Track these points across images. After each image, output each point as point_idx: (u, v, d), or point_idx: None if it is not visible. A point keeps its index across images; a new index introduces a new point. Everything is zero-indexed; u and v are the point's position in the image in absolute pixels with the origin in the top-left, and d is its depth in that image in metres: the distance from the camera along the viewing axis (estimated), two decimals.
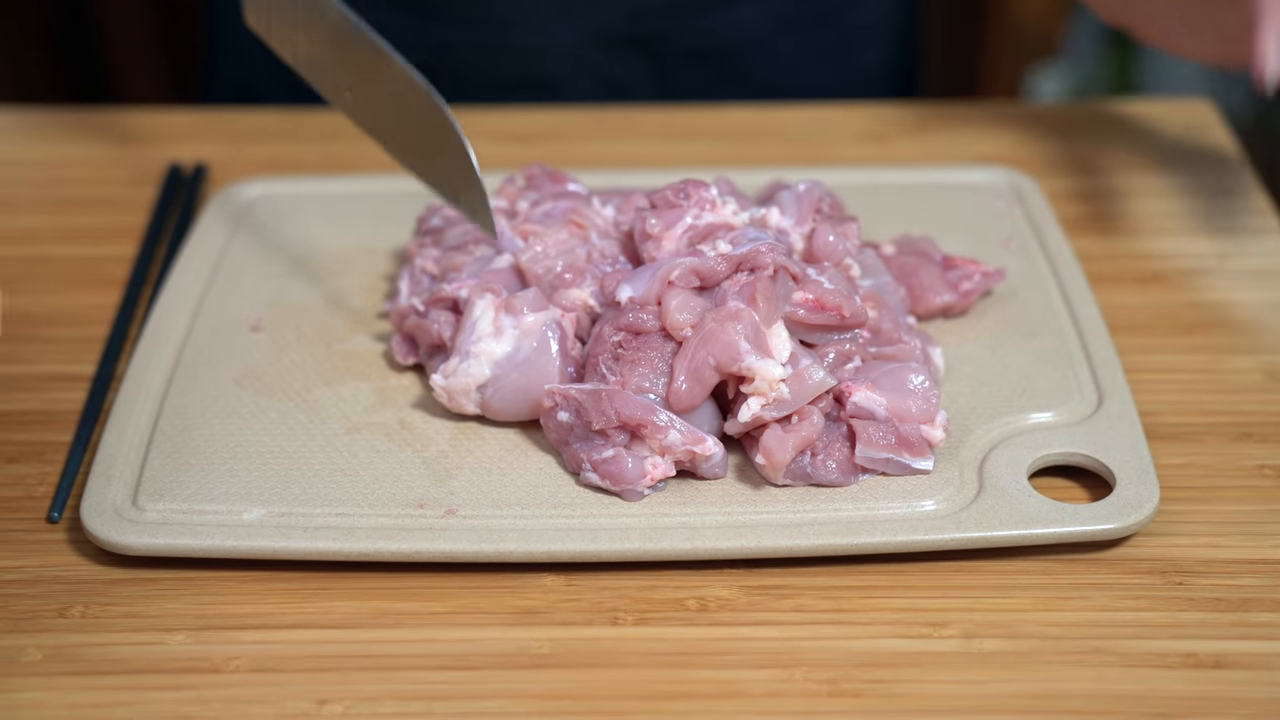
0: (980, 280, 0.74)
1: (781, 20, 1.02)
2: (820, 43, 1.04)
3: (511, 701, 0.56)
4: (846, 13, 1.05)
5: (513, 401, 0.65)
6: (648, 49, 1.01)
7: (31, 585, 0.61)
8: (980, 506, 0.62)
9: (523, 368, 0.65)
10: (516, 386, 0.65)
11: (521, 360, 0.65)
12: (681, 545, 0.61)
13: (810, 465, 0.63)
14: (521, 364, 0.65)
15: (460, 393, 0.65)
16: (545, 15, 0.99)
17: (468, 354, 0.65)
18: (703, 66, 1.02)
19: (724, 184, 0.72)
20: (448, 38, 0.99)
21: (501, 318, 0.66)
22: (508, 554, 0.60)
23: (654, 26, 1.00)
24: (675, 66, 1.02)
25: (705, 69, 1.02)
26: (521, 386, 0.65)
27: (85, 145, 0.92)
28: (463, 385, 0.65)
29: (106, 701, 0.56)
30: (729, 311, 0.63)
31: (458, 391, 0.65)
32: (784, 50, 1.03)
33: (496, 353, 0.65)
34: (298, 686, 0.56)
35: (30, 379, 0.72)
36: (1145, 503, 0.62)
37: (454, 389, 0.65)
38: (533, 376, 0.65)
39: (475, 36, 1.00)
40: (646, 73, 1.02)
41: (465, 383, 0.65)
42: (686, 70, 1.02)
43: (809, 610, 0.59)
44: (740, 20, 1.01)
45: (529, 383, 0.65)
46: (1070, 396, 0.68)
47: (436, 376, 0.66)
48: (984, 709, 0.55)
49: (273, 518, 0.62)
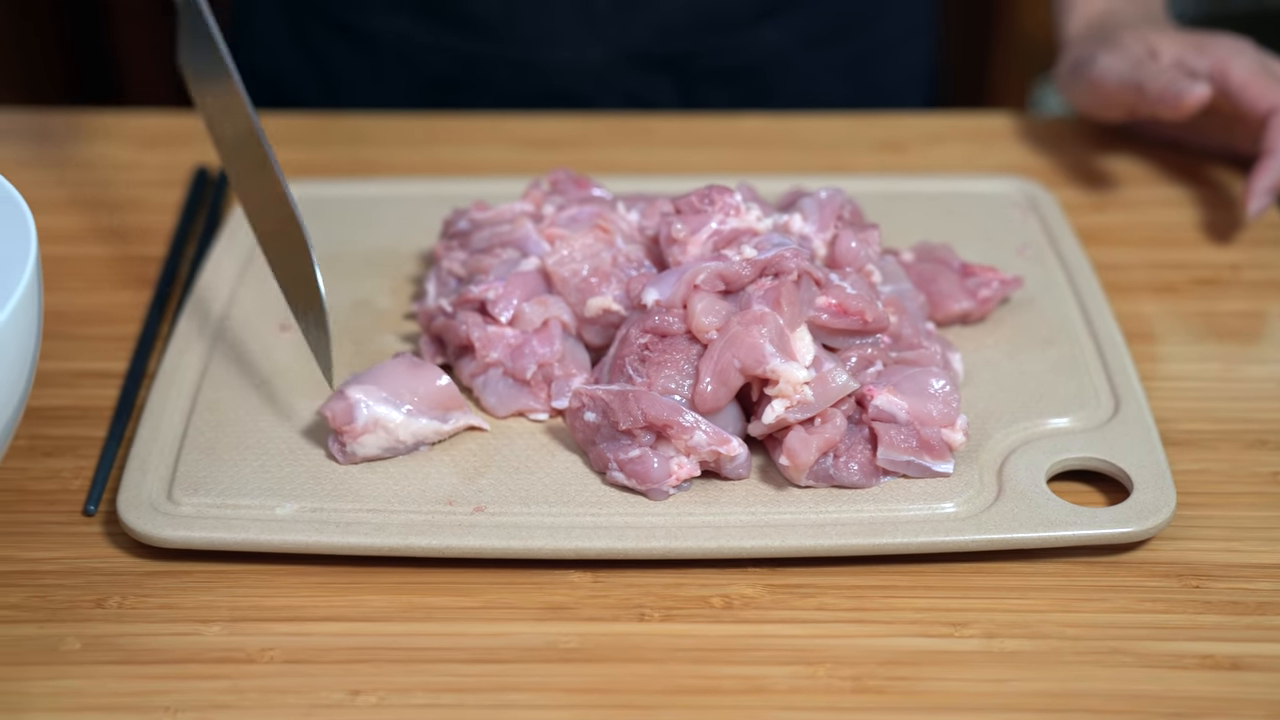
0: (998, 288, 0.75)
1: (803, 37, 1.03)
2: (840, 59, 1.06)
3: (541, 694, 0.57)
4: (867, 29, 1.06)
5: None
6: (674, 67, 1.02)
7: (69, 576, 0.62)
8: (1000, 509, 0.63)
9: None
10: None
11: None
12: (707, 544, 0.62)
13: (832, 467, 0.64)
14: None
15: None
16: (575, 33, 1.00)
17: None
18: (727, 84, 1.03)
19: (747, 190, 0.73)
20: (476, 51, 1.00)
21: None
22: (536, 550, 0.61)
23: (681, 45, 1.01)
24: (700, 84, 1.03)
25: (729, 87, 1.03)
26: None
27: (112, 147, 0.93)
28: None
29: (145, 690, 0.57)
30: (754, 315, 0.64)
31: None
32: (805, 67, 1.04)
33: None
34: (331, 677, 0.57)
35: (64, 375, 0.73)
36: (1163, 507, 0.63)
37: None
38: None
39: (503, 51, 1.01)
40: (672, 90, 1.03)
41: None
42: (711, 88, 1.03)
43: (832, 609, 0.60)
44: (764, 38, 1.02)
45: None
46: (1087, 402, 0.69)
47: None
48: (1005, 707, 0.56)
49: (305, 513, 0.63)
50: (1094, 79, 0.88)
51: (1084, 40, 0.92)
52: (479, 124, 0.96)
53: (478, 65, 1.01)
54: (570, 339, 0.70)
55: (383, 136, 0.95)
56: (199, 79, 0.73)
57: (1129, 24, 0.91)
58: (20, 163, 0.64)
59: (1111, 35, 0.90)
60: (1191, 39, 0.87)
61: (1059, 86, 0.94)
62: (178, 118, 0.96)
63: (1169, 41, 0.87)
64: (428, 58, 1.02)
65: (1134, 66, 0.86)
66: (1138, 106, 0.86)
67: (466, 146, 0.93)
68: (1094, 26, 0.93)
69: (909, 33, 1.10)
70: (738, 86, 1.04)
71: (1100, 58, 0.88)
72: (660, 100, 1.03)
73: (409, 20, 1.00)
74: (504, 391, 0.68)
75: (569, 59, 1.00)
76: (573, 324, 0.70)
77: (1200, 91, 0.82)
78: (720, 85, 1.03)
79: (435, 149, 0.93)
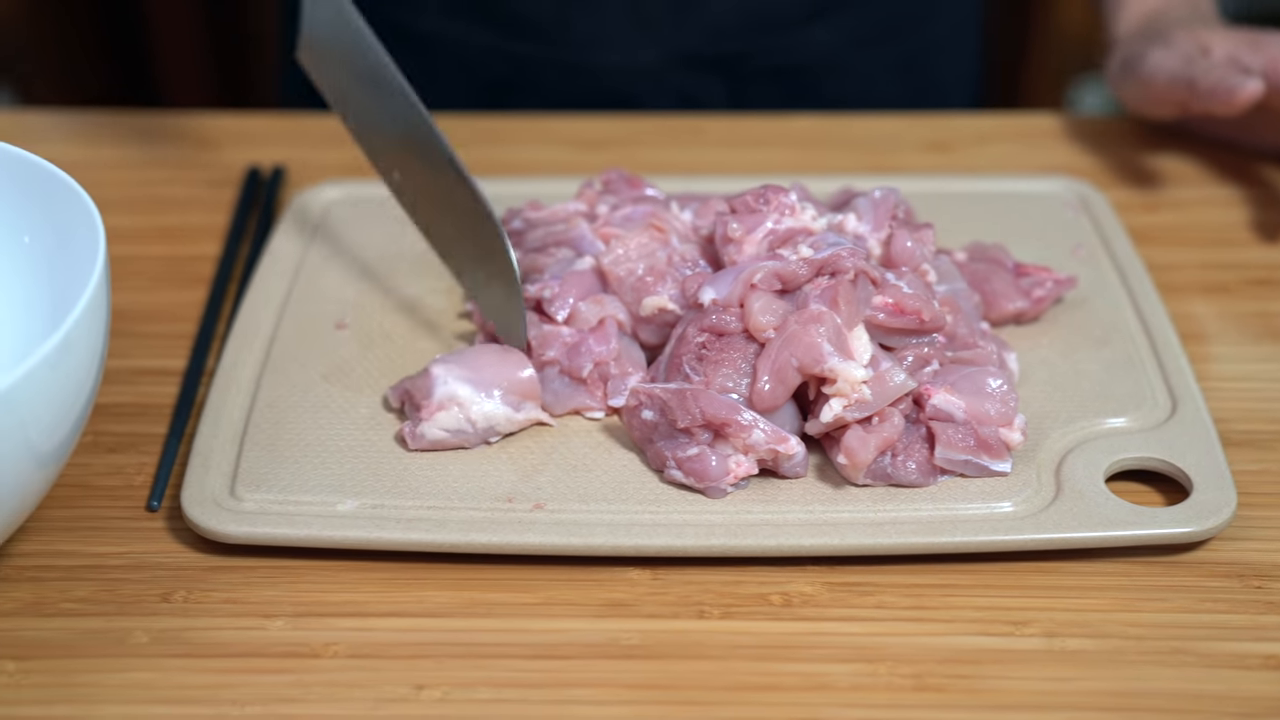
0: (1052, 287, 0.75)
1: (854, 37, 1.03)
2: (890, 58, 1.06)
3: (604, 690, 0.57)
4: (917, 28, 1.06)
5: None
6: (725, 68, 1.03)
7: (135, 571, 0.62)
8: (1059, 508, 0.63)
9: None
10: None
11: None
12: (766, 541, 0.62)
13: (890, 465, 0.64)
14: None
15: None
16: (627, 36, 1.00)
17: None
18: (776, 84, 1.04)
19: (801, 190, 0.74)
20: (528, 54, 1.01)
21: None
22: (596, 548, 0.62)
23: (732, 46, 1.01)
24: (750, 85, 1.03)
25: (779, 87, 1.04)
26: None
27: (165, 148, 0.94)
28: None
29: (212, 683, 0.57)
30: (812, 314, 0.65)
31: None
32: (855, 66, 1.05)
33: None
34: (395, 672, 0.58)
35: (125, 373, 0.73)
36: (1223, 507, 0.63)
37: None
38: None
39: (556, 54, 1.01)
40: (723, 91, 1.04)
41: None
42: (761, 88, 1.04)
43: (891, 607, 0.61)
44: (812, 40, 1.03)
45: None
46: (1144, 402, 0.69)
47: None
48: (1069, 705, 0.56)
49: (366, 509, 0.63)
50: (1145, 76, 0.88)
51: (1135, 38, 0.92)
52: (529, 124, 0.96)
53: (530, 68, 1.01)
54: (626, 338, 0.70)
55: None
56: (330, 68, 0.73)
57: (1180, 22, 0.91)
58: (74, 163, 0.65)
59: (1163, 32, 0.90)
60: (1245, 36, 0.87)
61: (1110, 84, 0.94)
62: (226, 119, 0.97)
63: (1221, 39, 0.87)
64: (481, 60, 1.02)
65: (1186, 63, 0.86)
66: (1190, 103, 0.86)
67: (516, 147, 0.94)
68: (1145, 24, 0.93)
69: (958, 32, 1.10)
70: (787, 86, 1.04)
71: (1151, 54, 0.88)
72: (710, 101, 1.03)
73: (463, 23, 1.00)
74: (560, 390, 0.68)
75: (620, 61, 1.00)
76: (628, 323, 0.70)
77: (1254, 87, 0.82)
78: (770, 85, 1.04)
79: (485, 149, 0.93)
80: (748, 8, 0.99)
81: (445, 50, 1.03)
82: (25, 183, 0.64)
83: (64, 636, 0.59)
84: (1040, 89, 1.93)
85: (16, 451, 0.55)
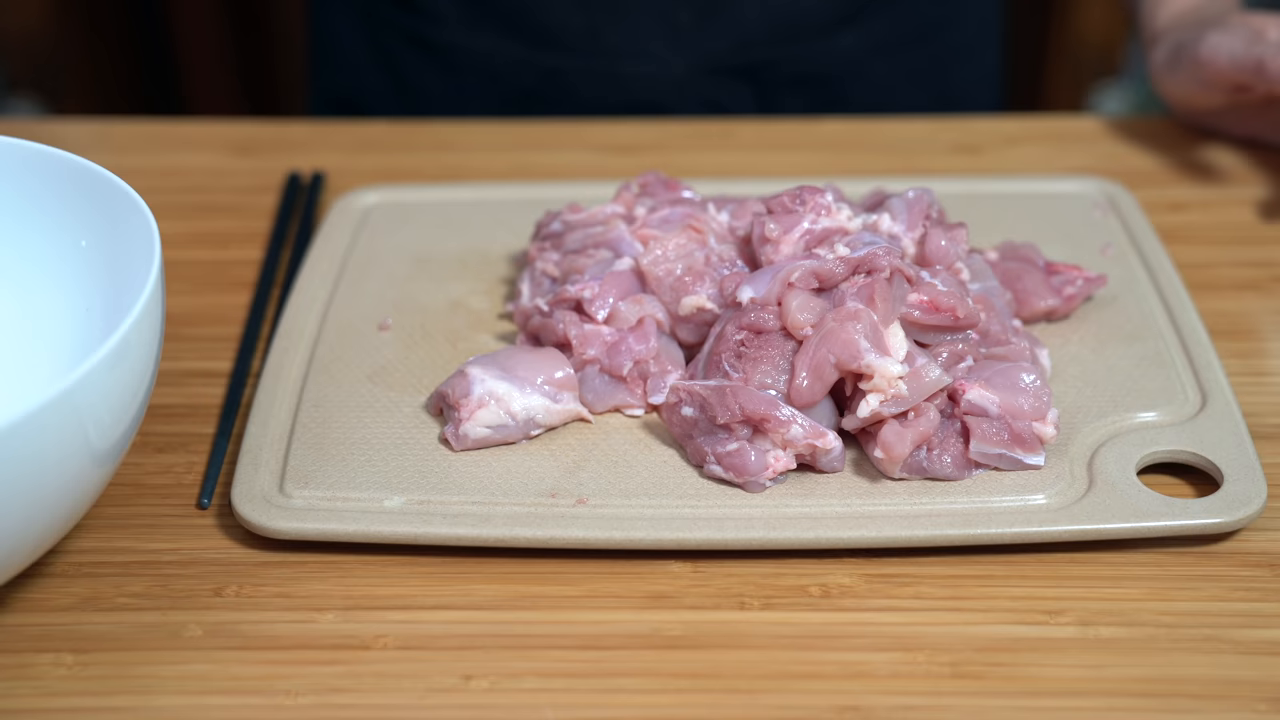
0: (1083, 285, 0.76)
1: (878, 44, 1.05)
2: (914, 64, 1.07)
3: (649, 679, 0.58)
4: (940, 33, 1.08)
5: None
6: (752, 77, 1.04)
7: (187, 566, 0.64)
8: (1092, 500, 0.64)
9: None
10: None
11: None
12: (804, 534, 0.63)
13: (926, 460, 0.66)
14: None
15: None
16: (655, 46, 1.02)
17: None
18: (802, 92, 1.05)
19: (836, 191, 0.75)
20: (558, 64, 1.03)
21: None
22: (638, 541, 0.63)
23: (759, 55, 1.03)
24: (777, 93, 1.05)
25: (804, 94, 1.05)
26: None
27: (203, 155, 0.96)
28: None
29: (266, 674, 0.59)
30: (849, 311, 0.66)
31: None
32: (879, 73, 1.06)
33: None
34: (444, 663, 0.59)
35: (173, 375, 0.75)
36: (1254, 498, 0.64)
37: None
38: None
39: (585, 64, 1.03)
40: (750, 99, 1.05)
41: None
42: (787, 96, 1.05)
43: (928, 597, 0.62)
44: (839, 46, 1.04)
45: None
46: (1174, 397, 0.70)
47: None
48: (1104, 691, 0.57)
49: (413, 505, 0.65)
50: (1203, 57, 0.88)
51: (1183, 27, 0.92)
52: (561, 129, 0.98)
53: (558, 79, 1.03)
54: (665, 337, 0.72)
55: (467, 142, 0.97)
56: None
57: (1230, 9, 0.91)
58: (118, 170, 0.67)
59: (1215, 18, 0.90)
60: None
61: (1153, 77, 0.94)
62: (263, 126, 0.99)
63: (1275, 23, 0.87)
64: (510, 72, 1.04)
65: (1248, 43, 0.86)
66: (1254, 83, 0.86)
67: (549, 152, 0.95)
68: (1190, 14, 0.94)
69: (980, 38, 1.12)
70: (814, 94, 1.05)
71: (1208, 38, 0.88)
72: (739, 108, 1.05)
73: (492, 36, 1.02)
74: (601, 387, 0.70)
75: (649, 70, 1.02)
76: (667, 322, 0.72)
77: None
78: (797, 93, 1.05)
79: (519, 154, 0.95)
80: (775, 17, 1.01)
81: (474, 64, 1.04)
82: (82, 188, 0.66)
83: (120, 630, 0.61)
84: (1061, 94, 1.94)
85: (76, 450, 0.56)
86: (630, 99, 1.03)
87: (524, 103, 1.05)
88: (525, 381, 0.68)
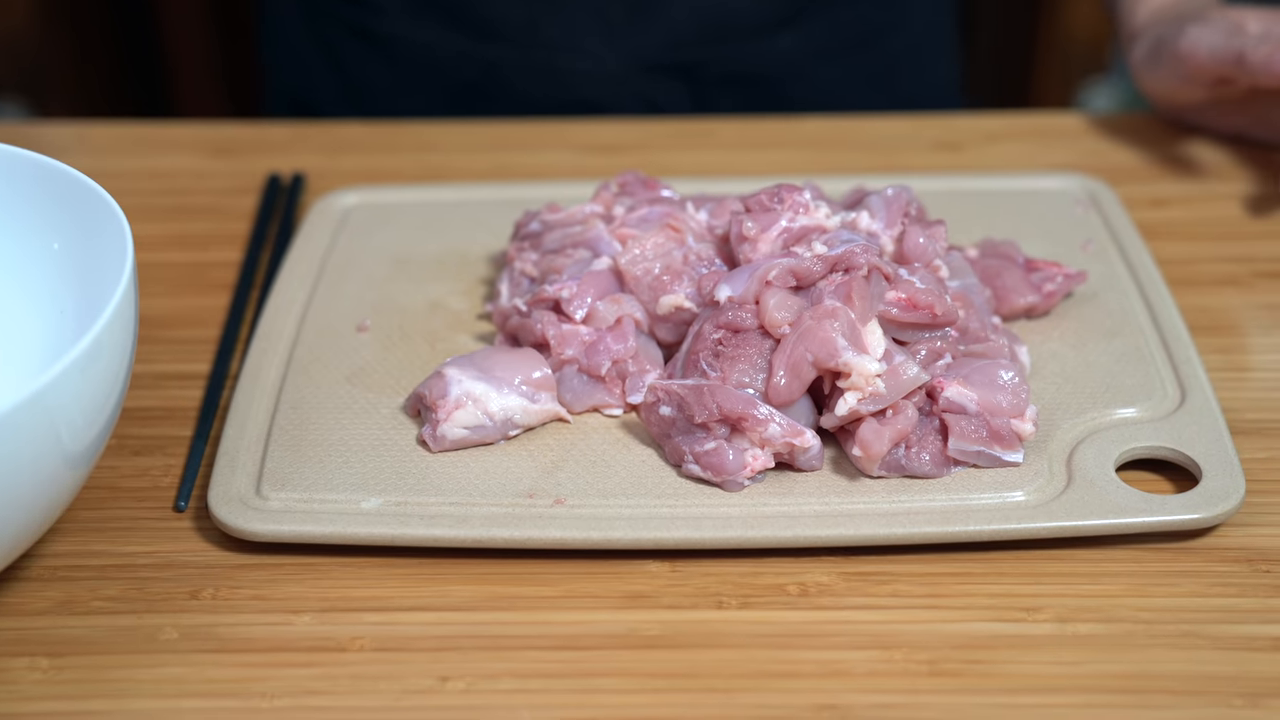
0: (1063, 282, 0.76)
1: (819, 48, 1.05)
2: (862, 67, 1.07)
3: (626, 679, 0.58)
4: (886, 37, 1.08)
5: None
6: (687, 75, 1.05)
7: (163, 569, 0.64)
8: (1070, 497, 0.64)
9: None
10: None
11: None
12: (782, 533, 0.63)
13: (904, 457, 0.66)
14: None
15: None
16: (589, 41, 1.03)
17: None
18: (739, 92, 1.06)
19: (814, 189, 0.75)
20: (498, 57, 1.03)
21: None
22: (615, 541, 0.63)
23: (692, 55, 1.04)
24: (713, 92, 1.05)
25: (739, 94, 1.06)
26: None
27: (184, 157, 0.96)
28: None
29: (242, 677, 0.59)
30: (826, 310, 0.66)
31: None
32: (826, 77, 1.06)
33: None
34: (420, 665, 0.59)
35: (150, 377, 0.75)
36: (1232, 493, 0.64)
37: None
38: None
39: (524, 58, 1.04)
40: (686, 97, 1.06)
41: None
42: (724, 95, 1.05)
43: (906, 595, 0.62)
44: (776, 49, 1.04)
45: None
46: (1153, 393, 0.70)
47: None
48: (1081, 688, 0.57)
49: (390, 506, 0.65)
50: (1183, 51, 0.88)
51: (1162, 22, 0.92)
52: (542, 129, 0.98)
53: (498, 72, 1.04)
54: (643, 336, 0.71)
55: (448, 143, 0.97)
56: None
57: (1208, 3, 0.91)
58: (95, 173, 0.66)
59: (1194, 13, 0.90)
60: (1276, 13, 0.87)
61: (1134, 73, 0.94)
62: (243, 128, 0.99)
63: (1255, 16, 0.87)
64: (451, 65, 1.04)
65: (1228, 36, 0.86)
66: (1235, 75, 0.86)
67: (531, 152, 0.95)
68: (1165, 11, 0.94)
69: (930, 42, 1.11)
70: (749, 93, 1.05)
71: (1189, 31, 0.88)
72: (674, 107, 1.05)
73: (434, 27, 1.03)
74: (579, 387, 0.70)
75: (587, 67, 1.03)
76: (645, 321, 0.72)
77: None
78: (731, 92, 1.05)
79: (500, 155, 0.95)
80: (703, 18, 1.02)
81: (412, 54, 1.05)
82: (55, 191, 0.66)
83: (95, 634, 0.61)
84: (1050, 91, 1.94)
85: (48, 452, 0.56)
86: (568, 96, 1.03)
87: (464, 96, 1.05)
88: (503, 382, 0.68)
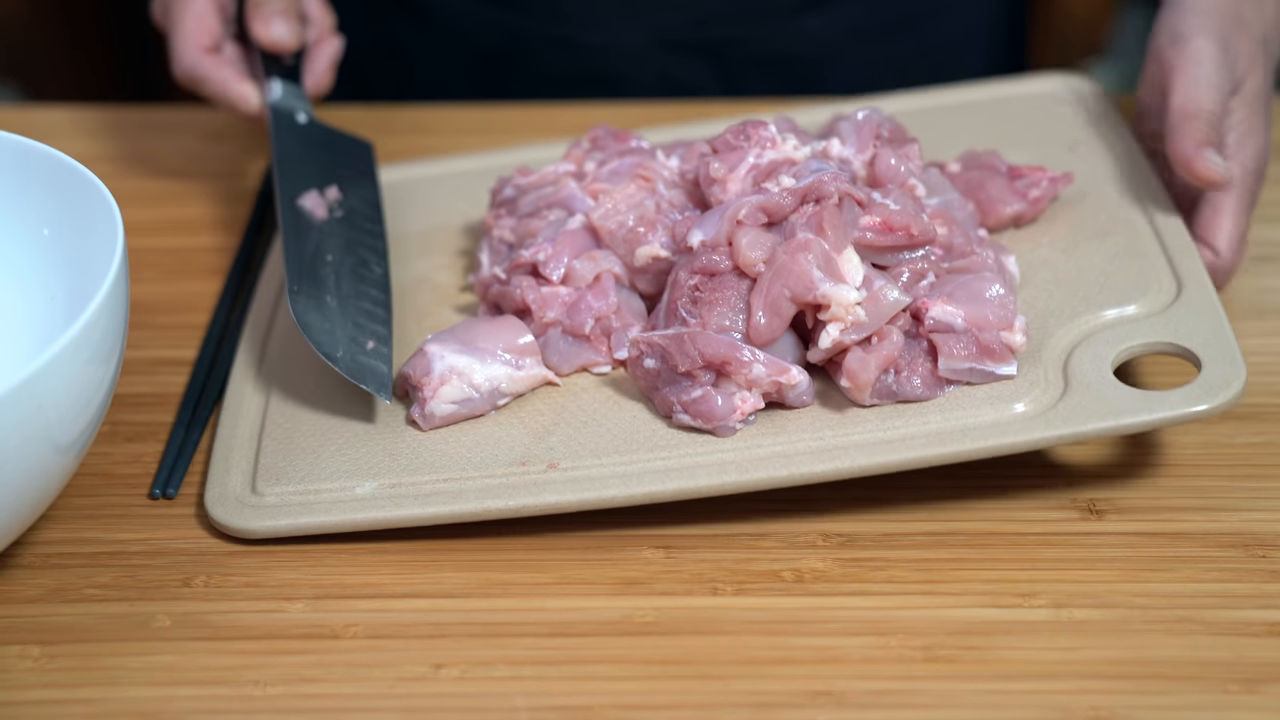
0: (1048, 186, 0.70)
1: (852, 29, 1.00)
2: (898, 54, 1.00)
3: (620, 666, 0.54)
4: (927, 22, 1.01)
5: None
6: (713, 54, 0.98)
7: (156, 557, 0.60)
8: (1067, 404, 0.59)
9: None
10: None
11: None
12: (777, 473, 0.59)
13: (895, 383, 0.61)
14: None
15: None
16: (611, 13, 0.98)
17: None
18: (770, 73, 1.00)
19: (783, 122, 0.69)
20: (520, 28, 0.99)
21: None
22: (610, 499, 0.59)
23: (718, 32, 0.96)
24: (742, 72, 1.00)
25: (773, 76, 1.00)
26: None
27: (177, 142, 0.91)
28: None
29: (235, 665, 0.55)
30: (799, 243, 0.61)
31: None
32: (858, 60, 0.99)
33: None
34: (414, 652, 0.56)
35: (141, 363, 0.70)
36: (1233, 380, 0.58)
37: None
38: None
39: (545, 29, 0.99)
40: (714, 76, 1.01)
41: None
42: (754, 76, 1.00)
43: (901, 581, 0.58)
44: (806, 29, 0.98)
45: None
46: (1149, 288, 0.65)
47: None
48: (1077, 674, 0.53)
49: (384, 489, 0.61)
50: None
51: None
52: (534, 113, 0.93)
53: (522, 42, 0.98)
54: (624, 290, 0.67)
55: (442, 126, 0.91)
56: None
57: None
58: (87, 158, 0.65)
59: None
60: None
61: None
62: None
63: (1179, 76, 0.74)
64: (477, 31, 1.02)
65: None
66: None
67: (523, 135, 0.91)
68: None
69: (981, 26, 1.08)
70: (782, 75, 1.02)
71: None
72: (702, 86, 0.97)
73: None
74: (565, 349, 0.65)
75: (606, 40, 0.97)
76: (625, 275, 0.67)
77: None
78: (763, 74, 1.01)
79: (493, 138, 0.89)
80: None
81: (443, 20, 1.01)
82: (45, 177, 0.61)
83: (87, 621, 0.57)
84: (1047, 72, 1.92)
85: (38, 440, 0.52)
86: (590, 69, 0.96)
87: (490, 64, 0.98)
88: (486, 352, 0.64)
